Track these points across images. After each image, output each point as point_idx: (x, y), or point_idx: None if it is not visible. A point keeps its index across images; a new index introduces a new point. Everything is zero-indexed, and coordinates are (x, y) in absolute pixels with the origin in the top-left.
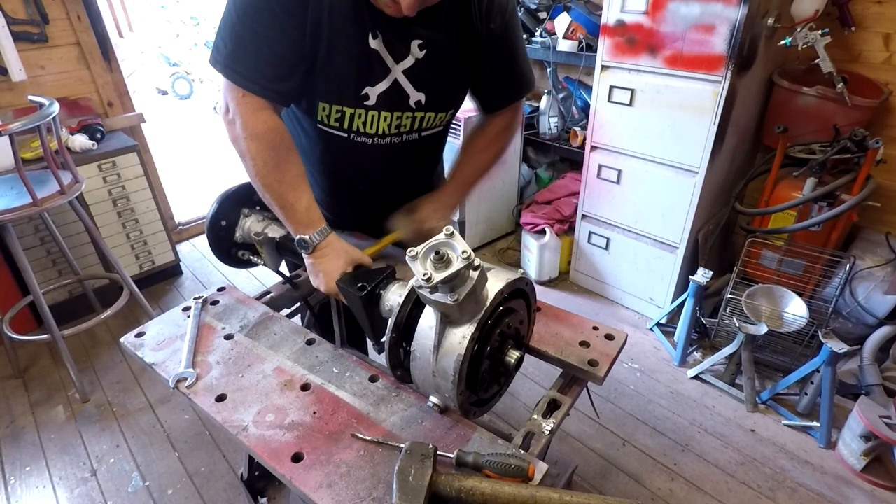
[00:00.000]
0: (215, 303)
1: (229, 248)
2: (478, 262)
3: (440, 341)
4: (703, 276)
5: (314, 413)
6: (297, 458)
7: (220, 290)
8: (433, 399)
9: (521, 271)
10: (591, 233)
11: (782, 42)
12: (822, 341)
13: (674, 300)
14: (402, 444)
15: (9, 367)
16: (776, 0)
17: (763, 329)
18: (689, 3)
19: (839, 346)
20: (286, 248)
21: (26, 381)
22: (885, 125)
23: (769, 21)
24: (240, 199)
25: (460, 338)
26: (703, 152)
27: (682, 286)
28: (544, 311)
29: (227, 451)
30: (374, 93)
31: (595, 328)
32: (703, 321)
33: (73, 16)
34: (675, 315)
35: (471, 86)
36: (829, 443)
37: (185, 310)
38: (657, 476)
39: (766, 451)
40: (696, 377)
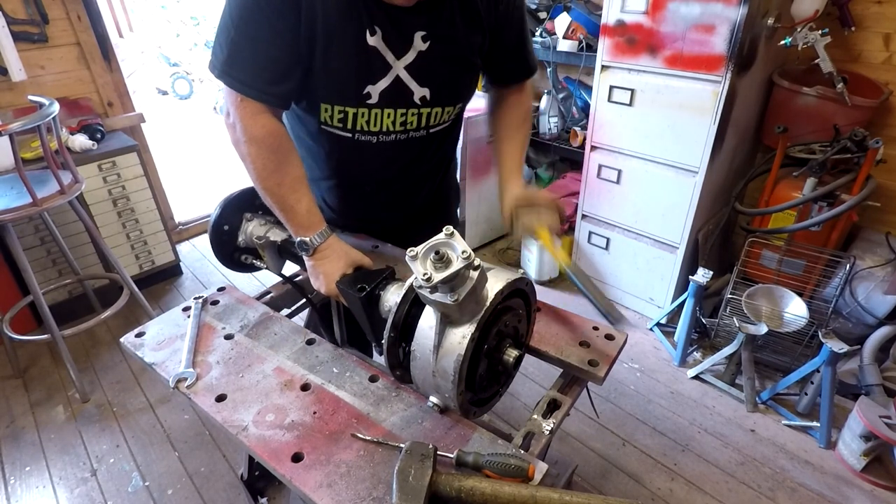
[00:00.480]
0: (215, 303)
1: (232, 253)
2: (478, 261)
3: (440, 341)
4: (703, 276)
5: (314, 413)
6: (297, 458)
7: (220, 289)
8: (433, 399)
9: (521, 271)
10: (591, 233)
11: (782, 42)
12: (822, 341)
13: (674, 300)
14: (402, 444)
15: (9, 367)
16: (776, 0)
17: (763, 329)
18: (689, 3)
19: (839, 346)
20: (288, 251)
21: (26, 381)
22: (885, 125)
23: (769, 21)
24: (242, 204)
25: (460, 338)
26: (703, 152)
27: (682, 286)
28: (544, 311)
29: (227, 451)
30: (376, 91)
31: (595, 328)
32: (703, 321)
33: (73, 16)
34: (675, 315)
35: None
36: (829, 443)
37: (185, 310)
38: (657, 476)
39: (766, 451)
40: (696, 377)
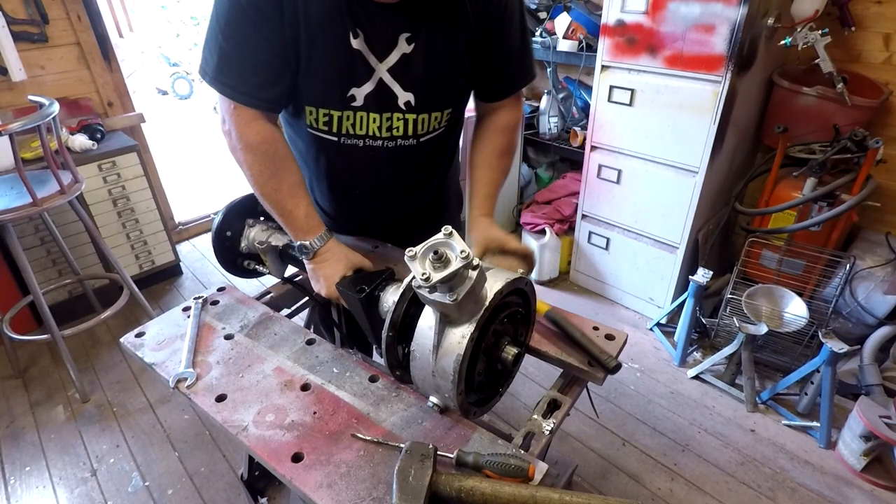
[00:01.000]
0: (215, 303)
1: (235, 259)
2: (476, 261)
3: (439, 341)
4: (703, 276)
5: (314, 413)
6: (297, 458)
7: (220, 290)
8: (433, 399)
9: (520, 271)
10: (591, 233)
11: (782, 42)
12: (822, 341)
13: (674, 300)
14: (402, 444)
15: (9, 367)
16: (776, 0)
17: (763, 329)
18: (689, 3)
19: (839, 346)
20: (289, 256)
21: (26, 381)
22: (885, 125)
23: (769, 21)
24: (244, 210)
25: (459, 337)
26: (703, 152)
27: (682, 286)
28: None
29: (227, 451)
30: (361, 94)
31: (595, 328)
32: (703, 321)
33: (73, 16)
34: (675, 315)
35: (473, 77)
36: (829, 443)
37: (185, 310)
38: (657, 476)
39: (766, 451)
40: (696, 377)
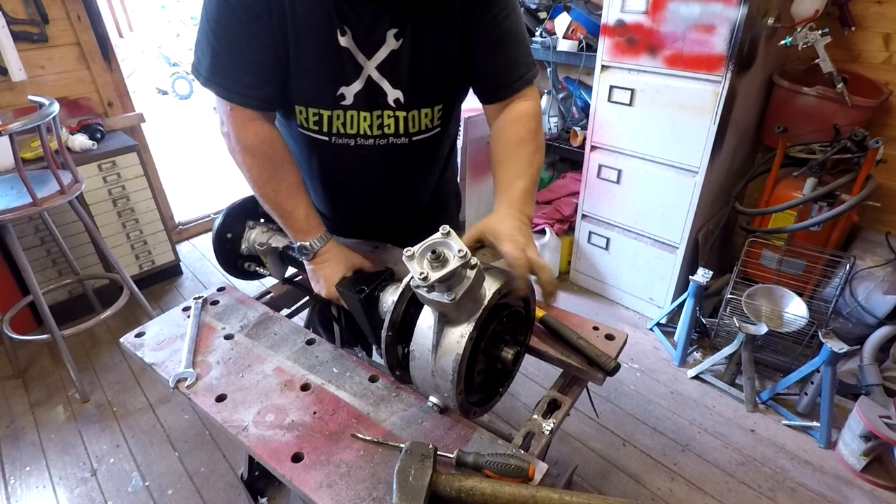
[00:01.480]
0: (215, 303)
1: (236, 261)
2: (474, 260)
3: (438, 341)
4: (703, 276)
5: (314, 413)
6: (297, 458)
7: (220, 290)
8: (433, 399)
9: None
10: (591, 233)
11: (782, 42)
12: (822, 341)
13: (674, 300)
14: (402, 444)
15: (9, 367)
16: (776, 0)
17: (763, 329)
18: (689, 3)
19: (839, 346)
20: (289, 257)
21: (26, 381)
22: (885, 125)
23: (769, 21)
24: (244, 213)
25: (459, 337)
26: (703, 152)
27: (682, 286)
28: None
29: (227, 451)
30: (350, 92)
31: (595, 328)
32: (703, 321)
33: (73, 16)
34: (675, 315)
35: (466, 74)
36: (829, 443)
37: (185, 310)
38: (657, 476)
39: (766, 451)
40: (696, 377)
